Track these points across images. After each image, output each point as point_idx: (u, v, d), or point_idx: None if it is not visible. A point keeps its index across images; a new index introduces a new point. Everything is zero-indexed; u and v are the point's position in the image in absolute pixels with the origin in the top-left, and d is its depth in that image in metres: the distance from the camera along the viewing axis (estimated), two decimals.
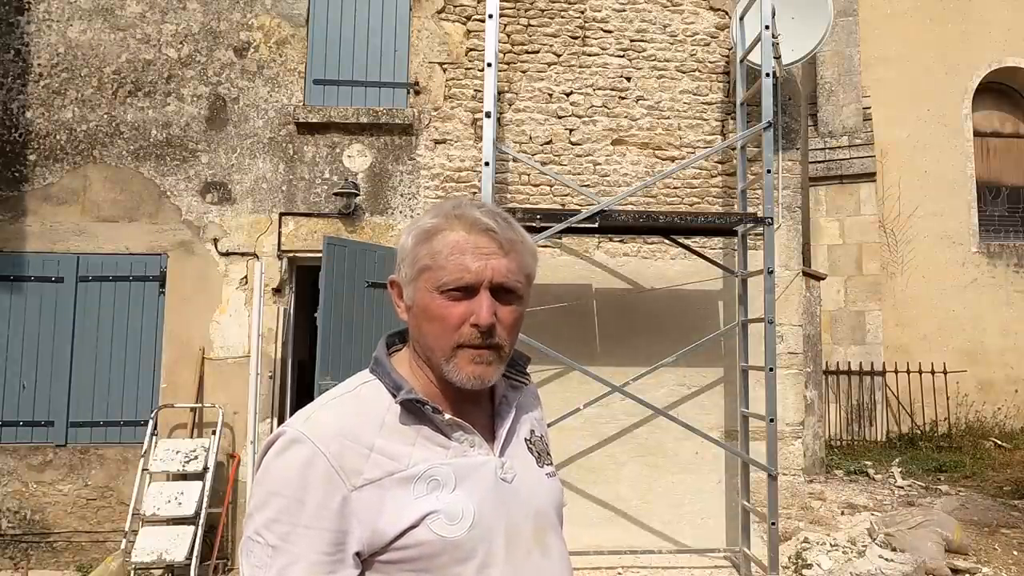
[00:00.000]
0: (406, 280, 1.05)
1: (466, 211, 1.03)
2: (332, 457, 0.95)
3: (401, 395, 1.01)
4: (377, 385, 1.05)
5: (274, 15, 5.51)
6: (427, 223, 1.04)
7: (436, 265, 1.01)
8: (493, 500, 1.02)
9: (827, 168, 9.89)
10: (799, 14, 5.38)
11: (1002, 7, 10.71)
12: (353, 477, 0.95)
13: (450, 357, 1.02)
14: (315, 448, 0.95)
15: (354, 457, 0.96)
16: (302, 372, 5.73)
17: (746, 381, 5.16)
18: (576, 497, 5.17)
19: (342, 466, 0.95)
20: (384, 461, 0.97)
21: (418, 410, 1.02)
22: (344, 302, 4.81)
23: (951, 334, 10.21)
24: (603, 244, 5.42)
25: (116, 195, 5.34)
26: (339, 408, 1.02)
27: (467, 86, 5.50)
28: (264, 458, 0.99)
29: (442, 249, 1.01)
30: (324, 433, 0.97)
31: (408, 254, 1.05)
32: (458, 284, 1.00)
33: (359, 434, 0.98)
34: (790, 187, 5.57)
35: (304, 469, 0.94)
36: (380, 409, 1.02)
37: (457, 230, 1.01)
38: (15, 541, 5.07)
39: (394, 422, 1.01)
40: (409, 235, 1.05)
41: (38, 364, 5.20)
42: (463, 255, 1.00)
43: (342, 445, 0.96)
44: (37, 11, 5.42)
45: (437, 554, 0.96)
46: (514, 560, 1.01)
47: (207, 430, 5.16)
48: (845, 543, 5.15)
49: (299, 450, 0.95)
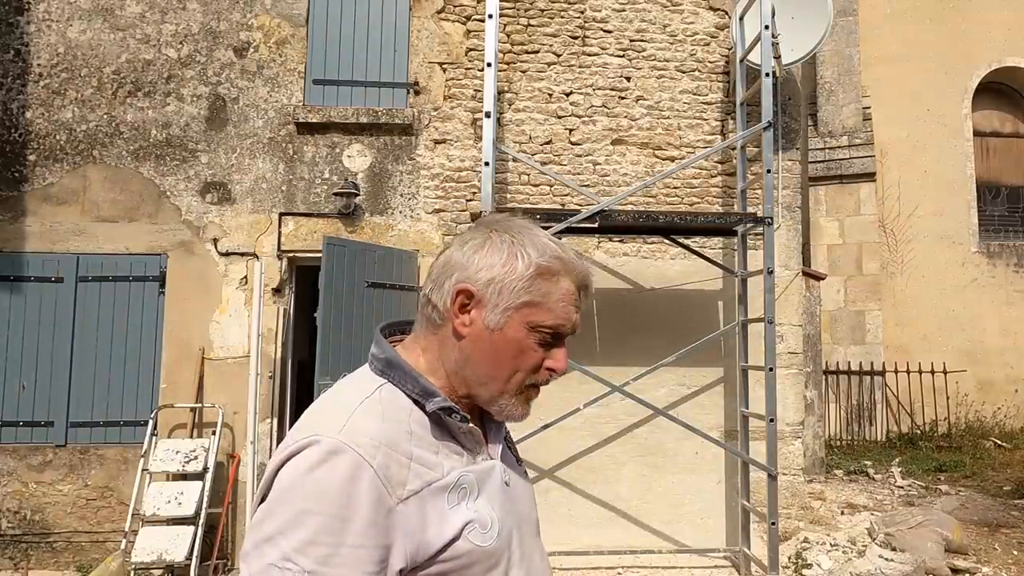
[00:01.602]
0: (497, 302, 0.99)
1: (573, 259, 1.04)
2: (379, 468, 0.88)
3: (434, 403, 0.98)
4: (392, 389, 0.99)
5: (274, 15, 5.51)
6: (546, 261, 1.00)
7: (544, 306, 1.00)
8: (504, 505, 1.02)
9: (827, 168, 9.89)
10: (799, 14, 5.38)
11: (1002, 7, 10.71)
12: (398, 489, 0.90)
13: (515, 394, 1.02)
14: (360, 459, 0.88)
15: (398, 468, 0.91)
16: (302, 372, 5.72)
17: (746, 381, 5.17)
18: (576, 497, 5.17)
19: (388, 478, 0.89)
20: (423, 471, 0.93)
21: (437, 417, 0.99)
22: (344, 302, 4.81)
23: (951, 334, 10.21)
24: (603, 244, 5.42)
25: (116, 195, 5.34)
26: (374, 415, 0.94)
27: (467, 86, 5.50)
28: (288, 470, 0.88)
29: (554, 292, 1.01)
30: (367, 442, 0.89)
31: (518, 281, 0.99)
32: (556, 331, 1.01)
33: (398, 442, 0.93)
34: (790, 187, 5.57)
35: (348, 483, 0.86)
36: (404, 416, 0.97)
37: (568, 279, 1.02)
38: (15, 541, 5.07)
39: (420, 430, 0.97)
40: (518, 261, 1.00)
41: (38, 364, 5.19)
42: (569, 305, 1.02)
43: (387, 455, 0.90)
44: (37, 11, 5.42)
45: (473, 564, 0.94)
46: (525, 563, 1.03)
47: (207, 430, 5.16)
48: (845, 543, 5.15)
49: (341, 462, 0.87)
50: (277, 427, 5.27)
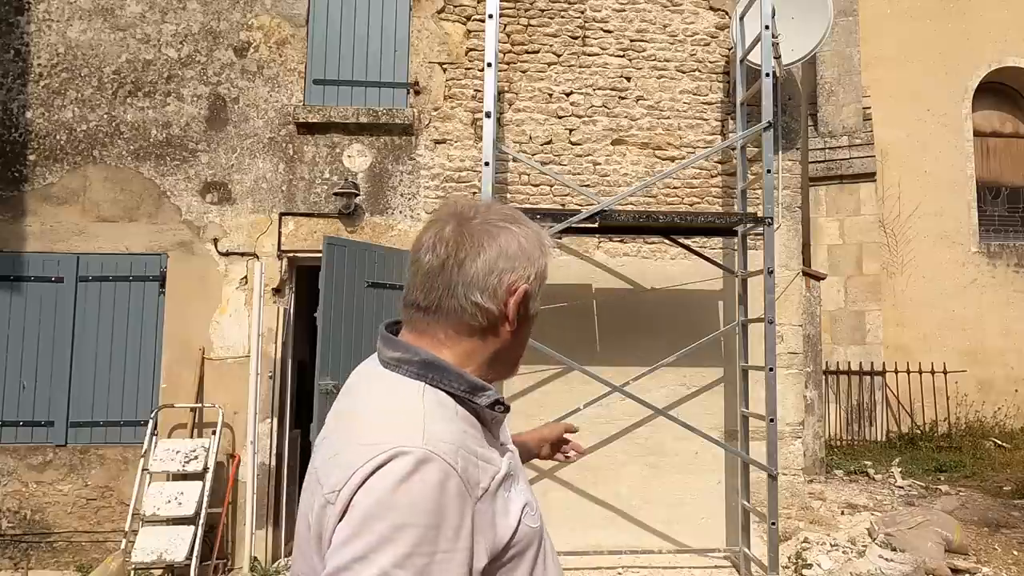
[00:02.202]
0: (535, 294, 1.05)
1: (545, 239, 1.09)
2: (462, 472, 0.89)
3: (489, 397, 0.99)
4: (433, 390, 0.98)
5: (274, 15, 5.51)
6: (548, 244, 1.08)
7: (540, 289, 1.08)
8: (528, 486, 1.08)
9: (827, 168, 9.89)
10: (799, 14, 5.38)
11: (1002, 7, 10.71)
12: (475, 489, 0.91)
13: None
14: (447, 466, 0.87)
15: (473, 468, 0.92)
16: (302, 372, 5.72)
17: (746, 381, 5.16)
18: (576, 497, 5.17)
19: (468, 480, 0.90)
20: (488, 467, 0.95)
21: (476, 411, 1.00)
22: (344, 302, 4.81)
23: (951, 334, 10.21)
24: (603, 244, 5.42)
25: (116, 195, 5.34)
26: (443, 419, 0.94)
27: (467, 86, 5.50)
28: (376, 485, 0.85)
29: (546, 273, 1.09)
30: (448, 448, 0.89)
31: (543, 271, 1.06)
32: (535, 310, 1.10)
33: (467, 443, 0.94)
34: (790, 187, 5.57)
35: (438, 491, 0.85)
36: (452, 414, 0.97)
37: None
38: (15, 541, 5.07)
39: (471, 428, 0.98)
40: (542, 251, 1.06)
41: (38, 364, 5.19)
42: None
43: (464, 458, 0.91)
44: (37, 11, 5.42)
45: (530, 546, 0.98)
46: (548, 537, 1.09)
47: (207, 430, 5.16)
48: (845, 543, 5.15)
49: (431, 470, 0.86)
50: (277, 427, 5.27)
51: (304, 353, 5.81)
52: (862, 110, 10.00)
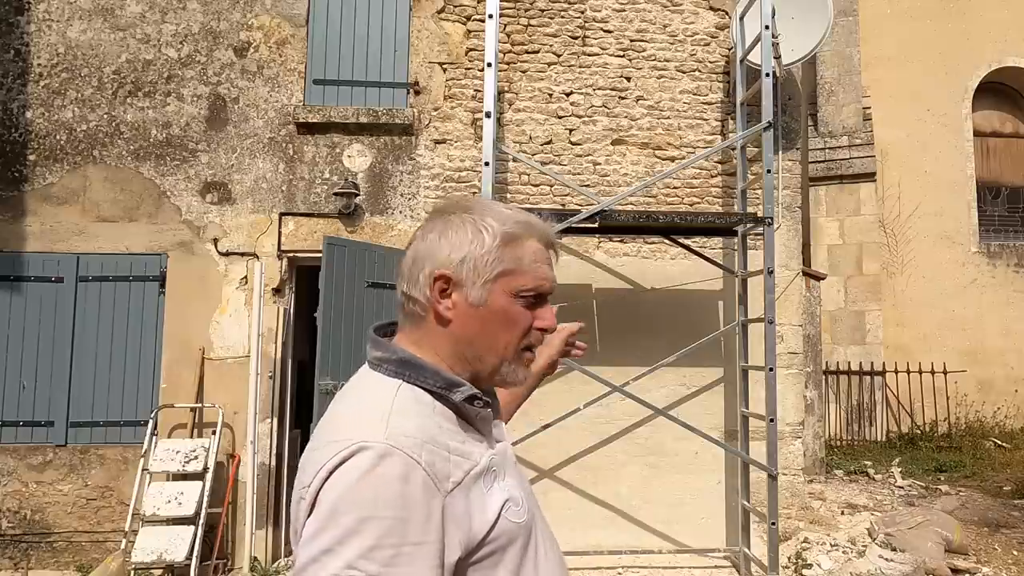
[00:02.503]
0: (475, 278, 1.02)
1: (535, 221, 1.07)
2: (427, 466, 0.90)
3: (463, 392, 1.00)
4: (410, 387, 1.00)
5: (274, 15, 5.51)
6: (509, 228, 1.04)
7: (519, 271, 1.03)
8: (521, 481, 1.08)
9: (827, 168, 9.89)
10: (799, 14, 5.38)
11: (1002, 7, 10.71)
12: (445, 483, 0.92)
13: (514, 359, 1.05)
14: (409, 459, 0.89)
15: (442, 462, 0.93)
16: (302, 372, 5.72)
17: (746, 381, 5.16)
18: (576, 497, 5.17)
19: (435, 473, 0.91)
20: (461, 461, 0.96)
21: (458, 407, 1.01)
22: (344, 302, 4.81)
23: (951, 334, 10.21)
24: (603, 244, 5.42)
25: (116, 195, 5.34)
26: (410, 414, 0.96)
27: (467, 86, 5.50)
28: (339, 480, 0.87)
29: (525, 256, 1.04)
30: (412, 442, 0.91)
31: (487, 254, 1.02)
32: (537, 291, 1.05)
33: (436, 437, 0.95)
34: (790, 187, 5.57)
35: (402, 484, 0.87)
36: (429, 411, 0.99)
37: (534, 240, 1.06)
38: (15, 541, 5.07)
39: (447, 423, 0.99)
40: (483, 234, 1.02)
41: (38, 364, 5.19)
42: (542, 264, 1.06)
43: (431, 452, 0.92)
44: (37, 11, 5.42)
45: (513, 541, 0.98)
46: (546, 533, 1.09)
47: (207, 430, 5.16)
48: (845, 543, 5.15)
49: (392, 464, 0.88)
50: (277, 427, 5.27)
51: (304, 353, 5.81)
52: (862, 110, 10.00)
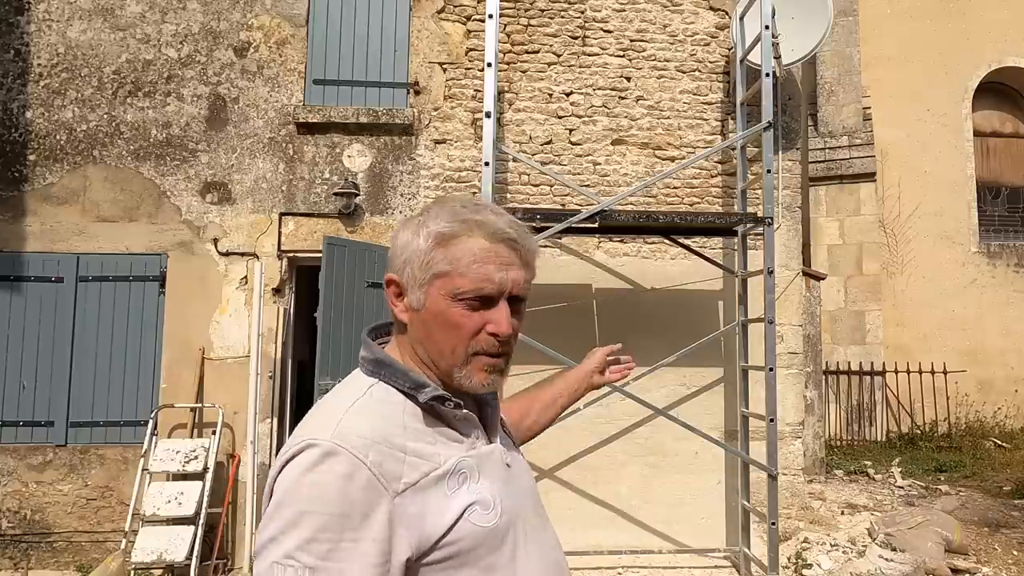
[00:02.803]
0: (412, 282, 1.01)
1: (486, 217, 1.01)
2: (372, 465, 0.91)
3: (427, 393, 1.00)
4: (384, 387, 1.02)
5: (274, 15, 5.51)
6: (443, 227, 1.00)
7: (455, 272, 0.99)
8: (507, 487, 1.05)
9: (827, 168, 9.89)
10: (799, 14, 5.38)
11: (1002, 7, 10.71)
12: (394, 483, 0.92)
13: (463, 364, 1.02)
14: (354, 459, 0.90)
15: (393, 463, 0.93)
16: (302, 372, 5.73)
17: (746, 381, 5.17)
18: (576, 497, 5.17)
19: (383, 473, 0.91)
20: (419, 462, 0.96)
21: (432, 408, 1.01)
22: (344, 302, 4.81)
23: (951, 334, 10.21)
24: (603, 244, 5.42)
25: (116, 195, 5.34)
26: (365, 413, 0.97)
27: (467, 86, 5.50)
28: (287, 474, 0.91)
29: (462, 256, 0.99)
30: (360, 442, 0.92)
31: (420, 256, 1.00)
32: (478, 294, 0.99)
33: (391, 438, 0.95)
34: (790, 187, 5.57)
35: (344, 482, 0.88)
36: (397, 411, 0.99)
37: (477, 237, 1.00)
38: (15, 541, 5.07)
39: (414, 423, 0.99)
40: (419, 236, 1.01)
41: (38, 364, 5.19)
42: (486, 265, 0.99)
43: (380, 452, 0.92)
44: (37, 11, 5.42)
45: (478, 545, 0.97)
46: (530, 542, 1.05)
47: (207, 430, 5.16)
48: (845, 543, 5.15)
49: (336, 463, 0.89)
50: (277, 427, 5.27)
51: (304, 353, 5.81)
52: (862, 110, 10.00)
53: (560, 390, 1.63)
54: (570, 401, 1.65)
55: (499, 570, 0.98)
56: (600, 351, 1.67)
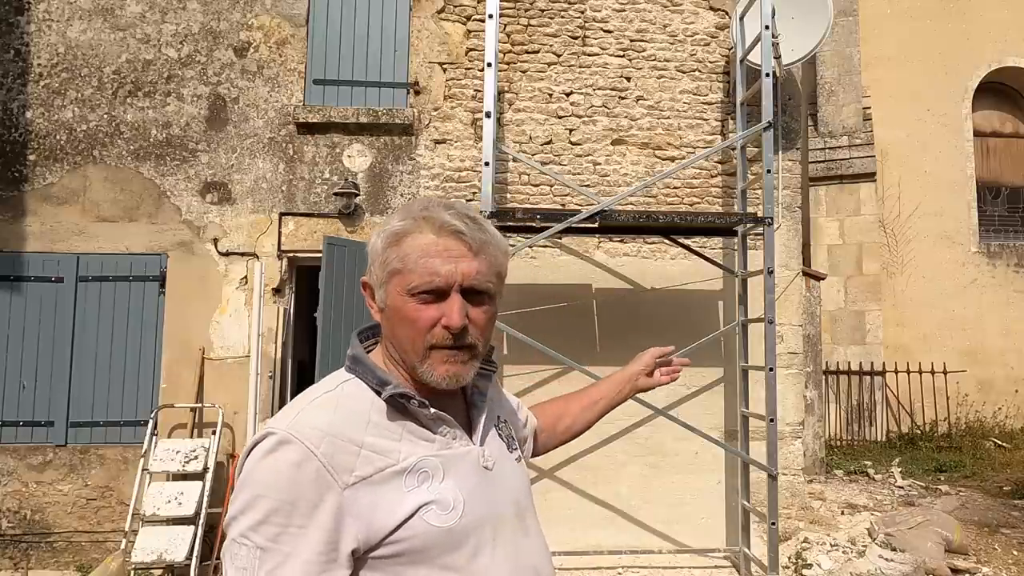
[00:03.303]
0: (377, 282, 1.08)
1: (434, 212, 1.04)
2: (323, 456, 0.94)
3: (387, 391, 1.02)
4: (358, 383, 1.05)
5: (274, 15, 5.51)
6: (395, 226, 1.05)
7: (406, 268, 1.03)
8: (479, 489, 1.05)
9: (827, 168, 9.89)
10: (799, 14, 5.38)
11: (1002, 7, 10.71)
12: (345, 475, 0.95)
13: (423, 358, 1.04)
14: (305, 448, 0.94)
15: (345, 455, 0.96)
16: (302, 372, 5.73)
17: (746, 381, 5.16)
18: (576, 497, 5.17)
19: (333, 465, 0.94)
20: (375, 457, 0.98)
21: (402, 406, 1.04)
22: (344, 302, 4.81)
23: (951, 334, 10.21)
24: (603, 244, 5.42)
25: (116, 195, 5.34)
26: (325, 407, 1.01)
27: (467, 86, 5.50)
28: (248, 460, 0.96)
29: (411, 252, 1.03)
30: (313, 433, 0.96)
31: (378, 256, 1.06)
32: (428, 287, 1.02)
33: (348, 432, 0.98)
34: (790, 187, 5.57)
35: (294, 470, 0.93)
36: (364, 407, 1.02)
37: (426, 233, 1.03)
38: (15, 541, 5.07)
39: (380, 419, 1.02)
40: (378, 237, 1.07)
41: (38, 364, 5.20)
42: (432, 258, 1.02)
43: (332, 444, 0.96)
44: (37, 11, 5.42)
45: (432, 545, 0.98)
46: (502, 544, 1.05)
47: (207, 430, 5.16)
48: (845, 543, 5.15)
49: (288, 451, 0.94)
50: None
51: (304, 353, 5.81)
52: (862, 110, 10.00)
53: (603, 392, 1.63)
54: (611, 405, 1.63)
55: (456, 570, 0.99)
56: (649, 352, 1.64)
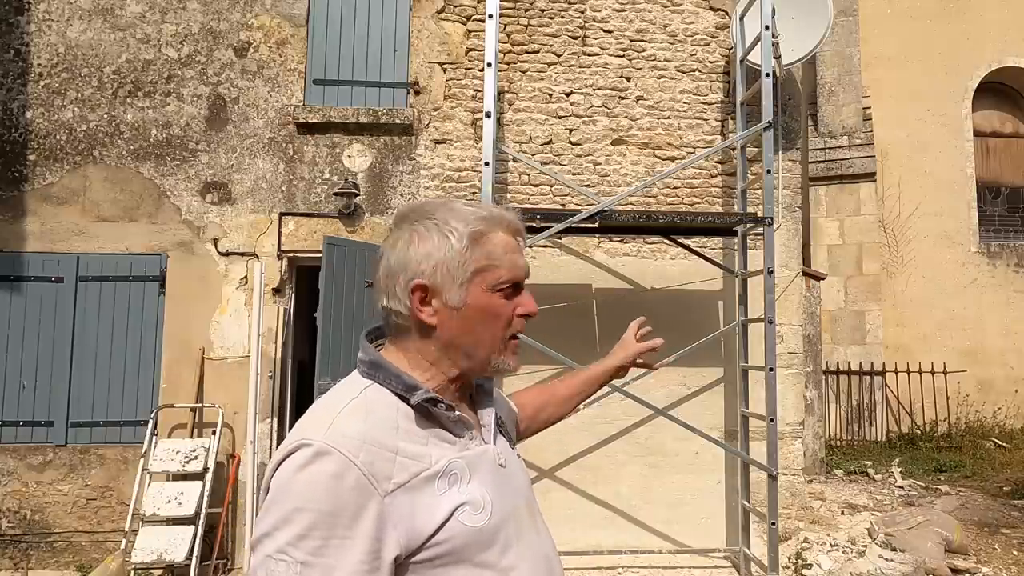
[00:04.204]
0: (450, 282, 1.05)
1: (500, 213, 1.11)
2: (363, 465, 0.94)
3: (418, 396, 1.03)
4: (378, 388, 1.05)
5: (274, 15, 5.51)
6: (474, 227, 1.06)
7: (493, 265, 1.07)
8: (499, 486, 1.08)
9: (827, 168, 9.89)
10: (799, 14, 5.38)
11: (1002, 7, 10.71)
12: (384, 483, 0.95)
13: (502, 349, 1.10)
14: (344, 458, 0.93)
15: (383, 463, 0.96)
16: (302, 372, 5.72)
17: (746, 381, 5.16)
18: (576, 497, 5.17)
19: (373, 473, 0.94)
20: (409, 463, 0.98)
21: (426, 410, 1.04)
22: (344, 302, 4.81)
23: (951, 334, 10.21)
24: (603, 244, 5.42)
25: (116, 195, 5.34)
26: (356, 415, 1.00)
27: (467, 86, 5.50)
28: (281, 472, 0.95)
29: (495, 250, 1.08)
30: (351, 442, 0.95)
31: (456, 258, 1.05)
32: (514, 281, 1.09)
33: (382, 439, 0.98)
34: (790, 187, 5.57)
35: (334, 481, 0.92)
36: (391, 412, 1.02)
37: (500, 232, 1.09)
38: (15, 541, 5.07)
39: (407, 424, 1.02)
40: (449, 239, 1.05)
41: (38, 364, 5.19)
42: (514, 254, 1.10)
43: (370, 452, 0.95)
44: (37, 11, 5.42)
45: (468, 545, 0.99)
46: (522, 540, 1.08)
47: (207, 430, 5.16)
48: (845, 543, 5.15)
49: (327, 462, 0.93)
50: (277, 427, 5.27)
51: (304, 353, 5.81)
52: (862, 110, 9.99)
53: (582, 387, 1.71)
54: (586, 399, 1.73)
55: (490, 567, 1.01)
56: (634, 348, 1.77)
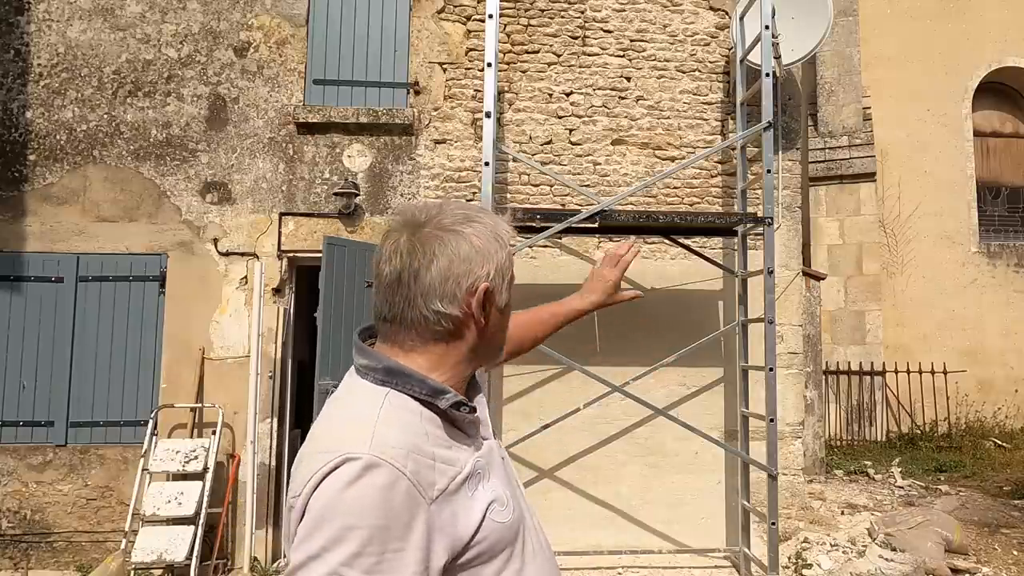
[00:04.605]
0: (504, 285, 1.10)
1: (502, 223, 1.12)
2: (411, 475, 0.92)
3: (447, 400, 1.02)
4: (398, 395, 1.02)
5: (274, 15, 5.51)
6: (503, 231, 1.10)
7: (511, 272, 1.12)
8: (507, 479, 1.10)
9: (827, 168, 9.89)
10: (799, 14, 5.38)
11: (1002, 7, 10.71)
12: (430, 490, 0.94)
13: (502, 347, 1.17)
14: (394, 469, 0.91)
15: (426, 471, 0.95)
16: (302, 372, 5.72)
17: (746, 381, 5.16)
18: (576, 497, 5.17)
19: (420, 482, 0.93)
20: (447, 468, 0.98)
21: (445, 413, 1.03)
22: (344, 302, 4.81)
23: (951, 334, 10.21)
24: (603, 244, 5.42)
25: (116, 195, 5.34)
26: (392, 423, 0.98)
27: (467, 86, 5.50)
28: (326, 490, 0.90)
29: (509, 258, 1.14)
30: (398, 452, 0.93)
31: (504, 260, 1.09)
32: None
33: (422, 447, 0.97)
34: (790, 187, 5.57)
35: (385, 493, 0.90)
36: (416, 418, 1.01)
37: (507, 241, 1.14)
38: (15, 541, 5.07)
39: (433, 429, 1.01)
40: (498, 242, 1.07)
41: (38, 364, 5.19)
42: None
43: (416, 461, 0.94)
44: (37, 11, 5.42)
45: (499, 540, 1.00)
46: (528, 528, 1.10)
47: (207, 430, 5.16)
48: (845, 543, 5.15)
49: (377, 475, 0.90)
50: (277, 427, 5.27)
51: (304, 353, 5.81)
52: (862, 110, 9.99)
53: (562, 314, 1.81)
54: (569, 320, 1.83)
55: (515, 559, 1.03)
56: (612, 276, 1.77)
